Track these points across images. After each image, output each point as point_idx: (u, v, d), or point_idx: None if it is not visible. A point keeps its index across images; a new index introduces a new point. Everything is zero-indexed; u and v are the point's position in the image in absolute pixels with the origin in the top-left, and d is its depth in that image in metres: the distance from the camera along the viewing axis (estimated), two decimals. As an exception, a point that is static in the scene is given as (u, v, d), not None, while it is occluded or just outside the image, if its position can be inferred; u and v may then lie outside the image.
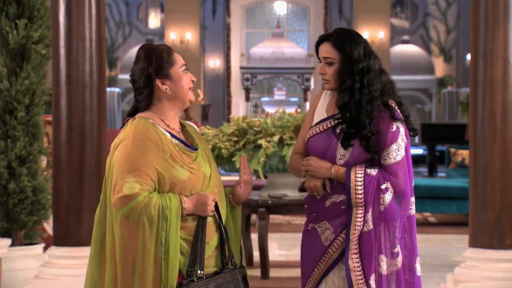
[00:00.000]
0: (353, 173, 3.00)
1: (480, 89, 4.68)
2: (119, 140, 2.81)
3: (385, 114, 3.04)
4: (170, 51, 2.90)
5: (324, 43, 3.07)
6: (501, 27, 4.63)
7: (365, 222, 3.00)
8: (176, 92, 2.88)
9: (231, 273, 2.88)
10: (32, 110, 5.57)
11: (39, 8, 5.59)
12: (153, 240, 2.71)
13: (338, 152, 3.04)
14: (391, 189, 3.02)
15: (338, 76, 3.04)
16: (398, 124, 3.04)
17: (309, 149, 3.12)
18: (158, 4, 24.82)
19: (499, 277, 4.61)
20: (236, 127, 6.00)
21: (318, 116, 3.14)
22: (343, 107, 3.04)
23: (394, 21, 23.56)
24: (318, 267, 3.09)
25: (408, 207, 3.08)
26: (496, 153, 4.63)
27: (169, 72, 2.86)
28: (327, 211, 3.07)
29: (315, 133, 3.10)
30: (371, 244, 3.00)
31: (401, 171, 3.02)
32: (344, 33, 3.07)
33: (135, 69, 2.88)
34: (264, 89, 25.25)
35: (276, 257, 7.28)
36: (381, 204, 3.01)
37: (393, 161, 3.02)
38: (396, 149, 3.02)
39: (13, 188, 5.48)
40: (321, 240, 3.08)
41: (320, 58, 3.09)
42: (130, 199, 2.69)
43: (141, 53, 2.89)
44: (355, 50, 3.02)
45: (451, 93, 22.49)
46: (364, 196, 2.99)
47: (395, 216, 3.02)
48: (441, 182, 10.28)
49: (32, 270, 5.41)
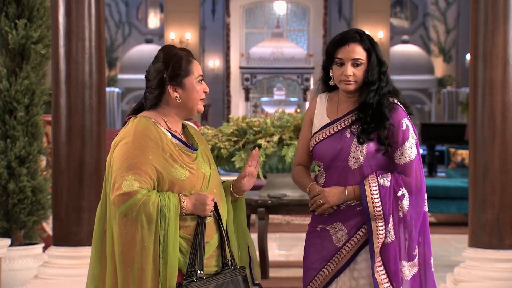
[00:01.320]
0: (367, 187, 3.00)
1: (480, 89, 4.68)
2: (119, 138, 2.82)
3: (395, 112, 3.05)
4: (190, 59, 2.88)
5: (354, 44, 3.03)
6: (500, 27, 4.63)
7: (387, 233, 3.00)
8: (185, 102, 2.87)
9: (231, 273, 2.88)
10: (32, 110, 5.56)
11: (38, 8, 5.58)
12: (152, 238, 2.71)
13: (352, 155, 3.03)
14: (407, 193, 3.03)
15: (366, 77, 3.03)
16: (407, 122, 3.06)
17: (317, 155, 3.10)
18: (158, 4, 24.81)
19: (498, 277, 4.61)
20: (235, 127, 6.00)
21: (320, 122, 3.12)
22: (367, 105, 3.03)
23: (393, 21, 23.56)
24: (327, 267, 3.08)
25: (423, 203, 3.10)
26: (496, 153, 4.63)
27: (183, 81, 2.85)
28: (342, 213, 3.06)
29: (323, 137, 3.08)
30: (396, 255, 3.01)
31: (416, 169, 3.04)
32: (366, 34, 3.07)
33: (151, 68, 2.87)
34: (263, 89, 25.23)
35: (275, 257, 7.28)
36: (400, 211, 3.02)
37: (408, 159, 3.03)
38: (409, 147, 3.03)
39: (13, 188, 5.48)
40: (333, 240, 3.07)
41: (345, 60, 3.03)
42: (128, 196, 2.70)
43: (161, 54, 2.88)
44: (379, 50, 3.06)
45: (450, 93, 22.49)
46: (382, 208, 2.99)
47: (414, 220, 3.05)
48: (441, 182, 10.27)
49: (31, 270, 5.41)
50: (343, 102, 3.12)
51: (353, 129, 3.04)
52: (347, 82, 3.04)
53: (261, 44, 24.37)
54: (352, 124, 3.05)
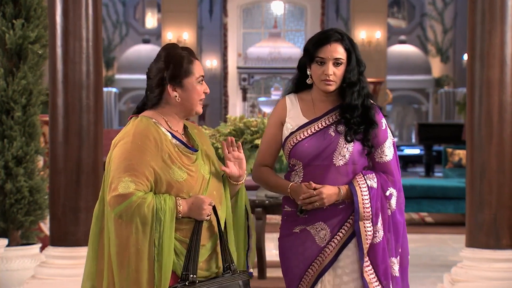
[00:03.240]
0: (358, 188, 3.02)
1: (477, 89, 4.68)
2: (119, 137, 2.82)
3: (376, 113, 3.09)
4: (191, 59, 2.87)
5: (336, 44, 3.03)
6: (497, 27, 4.63)
7: (376, 233, 3.03)
8: (184, 102, 2.86)
9: (229, 278, 2.86)
10: (29, 110, 5.56)
11: (35, 8, 5.58)
12: (146, 241, 2.70)
13: (338, 152, 3.04)
14: (394, 192, 3.08)
15: (347, 77, 3.03)
16: (384, 121, 3.11)
17: (297, 154, 3.07)
18: (155, 4, 24.80)
19: (495, 277, 4.62)
20: (233, 127, 6.00)
21: (296, 122, 3.09)
22: (350, 106, 3.04)
23: (391, 21, 23.55)
24: (312, 267, 3.09)
25: (404, 200, 3.15)
26: (493, 153, 4.63)
27: (183, 81, 2.84)
28: (324, 212, 3.06)
29: (305, 136, 3.07)
30: (385, 254, 3.04)
31: (396, 167, 3.10)
32: (347, 34, 3.08)
33: (153, 67, 2.87)
34: (261, 89, 25.23)
35: (273, 257, 7.27)
36: (389, 209, 3.07)
37: (388, 158, 3.08)
38: (388, 146, 3.09)
39: (10, 188, 5.48)
40: (315, 240, 3.08)
41: (326, 59, 3.03)
42: (124, 198, 2.69)
43: (163, 53, 2.87)
44: (358, 51, 3.08)
45: (448, 93, 22.50)
46: (371, 209, 3.02)
47: (401, 217, 3.10)
48: (438, 182, 10.27)
49: (28, 270, 5.40)
50: (319, 102, 3.11)
51: (339, 128, 3.05)
52: (327, 82, 3.03)
53: (258, 44, 24.36)
54: (335, 123, 3.06)
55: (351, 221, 3.05)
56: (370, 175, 3.05)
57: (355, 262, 3.06)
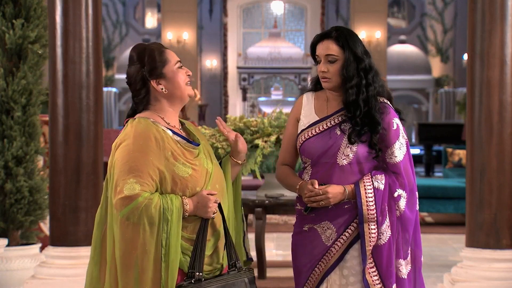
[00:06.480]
0: (362, 189, 3.01)
1: (477, 89, 4.68)
2: (119, 140, 2.80)
3: (385, 113, 3.05)
4: (161, 49, 2.88)
5: (326, 41, 3.04)
6: (498, 27, 4.63)
7: (381, 235, 3.01)
8: (172, 91, 2.87)
9: (235, 275, 2.86)
10: (29, 110, 5.56)
11: (35, 8, 5.58)
12: (153, 242, 2.70)
13: (341, 151, 3.03)
14: (403, 194, 3.05)
15: (342, 73, 3.02)
16: (397, 121, 3.07)
17: (305, 152, 3.09)
18: (155, 4, 24.81)
19: (495, 277, 4.62)
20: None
21: (308, 120, 3.11)
22: (352, 105, 3.02)
23: (391, 21, 23.57)
24: (318, 266, 3.08)
25: (416, 202, 3.12)
26: (493, 153, 4.63)
27: (162, 71, 2.85)
28: (330, 211, 3.06)
29: (312, 134, 3.08)
30: (390, 256, 3.02)
31: (407, 168, 3.07)
32: (345, 30, 3.06)
33: (130, 71, 2.87)
34: (261, 89, 25.24)
35: (273, 257, 7.28)
36: (397, 210, 3.04)
37: (398, 159, 3.05)
38: (399, 147, 3.05)
39: (10, 188, 5.48)
40: (322, 239, 3.08)
41: (320, 56, 3.05)
42: (130, 200, 2.68)
43: (133, 54, 2.87)
44: (358, 47, 3.03)
45: (448, 93, 22.51)
46: (376, 211, 3.00)
47: (411, 219, 3.06)
48: (438, 182, 10.28)
49: (28, 270, 5.41)
50: (332, 100, 3.12)
51: (343, 128, 3.04)
52: (322, 79, 3.06)
53: (258, 44, 24.38)
54: (342, 123, 3.05)
55: (358, 222, 3.04)
56: (378, 176, 3.03)
57: (361, 263, 3.05)
